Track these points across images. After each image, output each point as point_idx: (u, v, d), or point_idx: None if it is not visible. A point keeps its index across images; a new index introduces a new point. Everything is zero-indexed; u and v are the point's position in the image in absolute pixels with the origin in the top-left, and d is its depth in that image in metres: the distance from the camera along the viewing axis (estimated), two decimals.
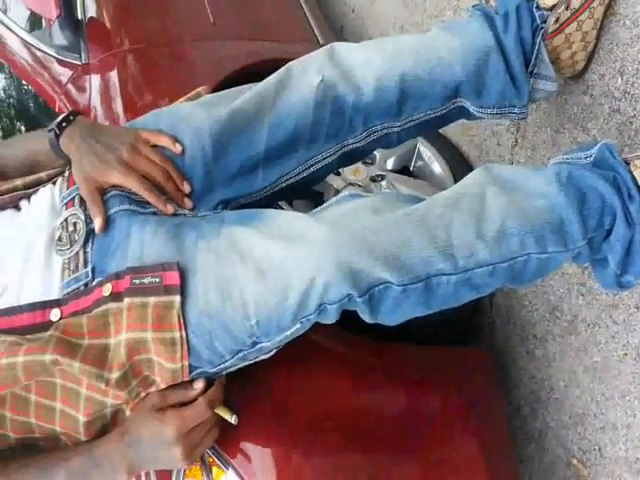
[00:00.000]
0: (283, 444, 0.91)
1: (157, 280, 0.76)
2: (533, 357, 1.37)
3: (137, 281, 0.76)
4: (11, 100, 2.38)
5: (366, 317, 0.78)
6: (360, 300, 0.74)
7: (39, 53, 1.61)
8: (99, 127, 0.92)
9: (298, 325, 0.76)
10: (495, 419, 1.14)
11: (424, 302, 0.77)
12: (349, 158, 1.00)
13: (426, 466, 1.00)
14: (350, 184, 1.40)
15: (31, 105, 2.01)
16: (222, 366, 0.81)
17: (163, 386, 0.79)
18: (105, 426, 0.82)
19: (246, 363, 0.83)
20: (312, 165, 0.96)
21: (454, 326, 1.33)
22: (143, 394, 0.79)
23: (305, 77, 0.93)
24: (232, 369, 0.83)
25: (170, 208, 0.86)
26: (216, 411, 0.82)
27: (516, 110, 1.00)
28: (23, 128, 2.14)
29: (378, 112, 0.95)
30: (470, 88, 0.96)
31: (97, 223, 0.82)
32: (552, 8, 0.97)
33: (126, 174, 0.85)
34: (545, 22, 0.97)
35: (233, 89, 0.97)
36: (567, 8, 0.96)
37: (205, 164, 0.90)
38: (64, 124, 0.88)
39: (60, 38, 1.58)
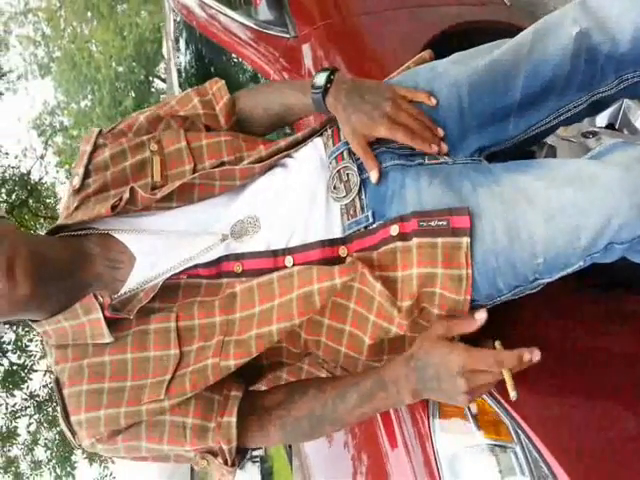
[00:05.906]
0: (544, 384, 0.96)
1: (444, 223, 0.83)
2: None
3: (424, 224, 0.84)
4: (192, 70, 2.60)
5: None
6: None
7: (248, 29, 1.75)
8: (360, 83, 0.98)
9: (581, 262, 0.80)
10: None
11: None
12: (597, 107, 1.00)
13: None
14: (563, 139, 1.39)
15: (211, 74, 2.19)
16: (497, 300, 0.87)
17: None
18: (382, 350, 0.92)
19: (514, 297, 0.88)
20: (562, 114, 0.98)
21: None
22: (423, 323, 0.87)
23: (562, 28, 0.95)
24: (498, 303, 0.89)
25: (434, 147, 0.92)
26: (503, 372, 0.77)
27: None
28: None
29: (633, 61, 0.95)
30: None
31: (374, 174, 0.91)
32: None
33: (392, 127, 0.92)
34: None
35: (485, 45, 1.01)
36: None
37: (460, 114, 0.95)
38: (328, 85, 0.97)
39: (266, 14, 1.71)
